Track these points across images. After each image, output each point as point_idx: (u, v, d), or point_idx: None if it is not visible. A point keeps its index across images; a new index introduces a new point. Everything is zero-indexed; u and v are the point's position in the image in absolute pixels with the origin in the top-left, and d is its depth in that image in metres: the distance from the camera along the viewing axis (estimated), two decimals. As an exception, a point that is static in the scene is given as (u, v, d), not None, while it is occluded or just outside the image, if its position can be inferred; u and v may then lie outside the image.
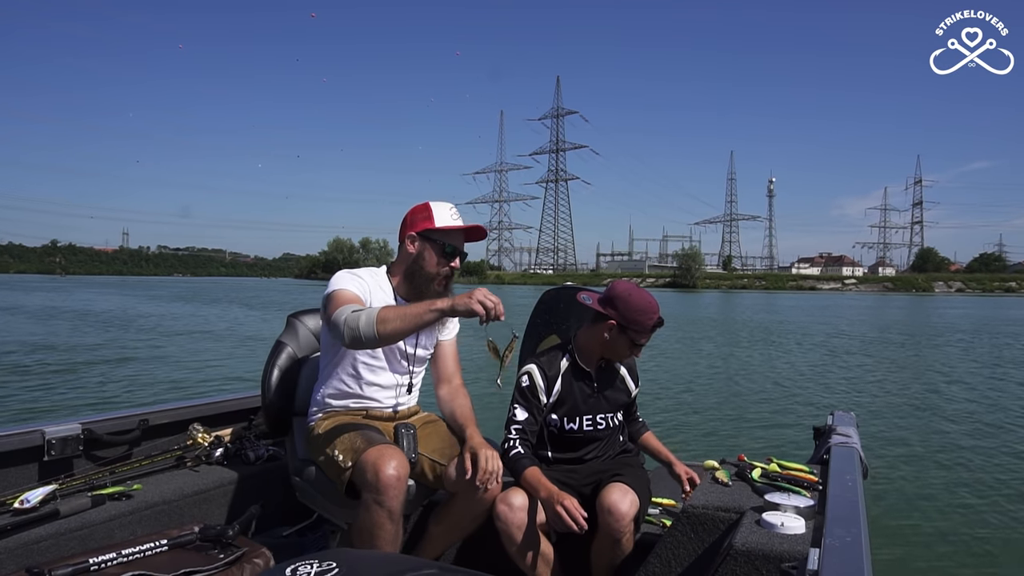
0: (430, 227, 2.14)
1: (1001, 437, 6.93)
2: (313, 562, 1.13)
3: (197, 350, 14.02)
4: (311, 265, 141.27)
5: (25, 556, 1.80)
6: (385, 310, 1.87)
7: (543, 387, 2.15)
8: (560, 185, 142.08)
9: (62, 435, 2.15)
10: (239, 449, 2.58)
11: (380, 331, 1.83)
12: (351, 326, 1.84)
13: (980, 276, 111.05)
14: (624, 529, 1.94)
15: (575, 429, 2.17)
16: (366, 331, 1.83)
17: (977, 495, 5.02)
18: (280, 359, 2.39)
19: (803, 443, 4.75)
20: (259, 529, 2.39)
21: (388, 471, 1.83)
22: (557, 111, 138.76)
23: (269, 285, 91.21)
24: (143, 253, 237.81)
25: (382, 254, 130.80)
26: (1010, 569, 3.87)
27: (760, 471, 2.00)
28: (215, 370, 11.05)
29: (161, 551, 1.79)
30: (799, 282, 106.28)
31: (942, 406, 8.65)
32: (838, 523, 1.37)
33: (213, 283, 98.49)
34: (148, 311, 27.39)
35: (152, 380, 9.83)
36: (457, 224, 2.17)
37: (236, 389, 3.51)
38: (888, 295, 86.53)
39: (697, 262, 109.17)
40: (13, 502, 1.90)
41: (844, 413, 2.51)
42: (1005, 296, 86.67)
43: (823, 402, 8.75)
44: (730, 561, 1.55)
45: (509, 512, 1.97)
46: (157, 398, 8.15)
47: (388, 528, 1.85)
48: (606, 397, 2.21)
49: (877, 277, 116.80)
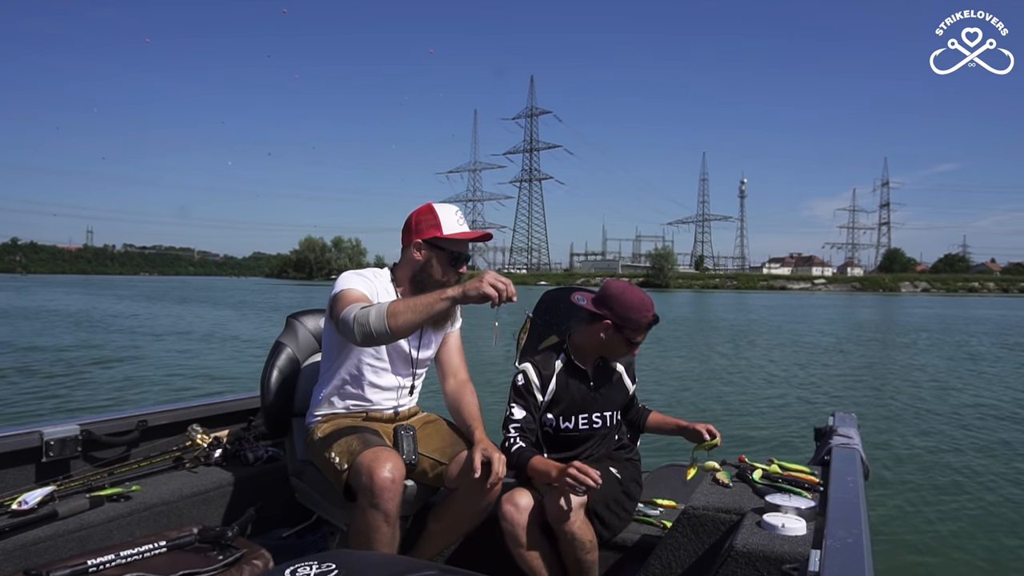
0: (437, 235, 2.11)
1: (1001, 436, 6.93)
2: (313, 563, 1.12)
3: (170, 351, 13.74)
4: (282, 264, 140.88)
5: (23, 558, 1.80)
6: (395, 303, 1.83)
7: (538, 385, 2.15)
8: (534, 185, 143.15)
9: (60, 436, 2.15)
10: (238, 450, 2.58)
11: (391, 325, 1.78)
12: (361, 322, 1.80)
13: (945, 276, 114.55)
14: (571, 520, 1.92)
15: (571, 428, 2.17)
16: (377, 326, 1.79)
17: (978, 495, 5.02)
18: (279, 360, 2.38)
19: (804, 444, 4.75)
20: (258, 530, 2.39)
21: (383, 474, 1.82)
22: (531, 111, 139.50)
23: (240, 284, 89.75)
24: (108, 252, 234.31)
25: (354, 253, 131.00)
26: (1012, 570, 3.86)
27: (761, 472, 1.99)
28: (194, 371, 10.92)
29: (160, 552, 1.79)
30: (770, 282, 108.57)
31: (941, 406, 8.65)
32: (839, 524, 1.37)
33: (182, 283, 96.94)
34: (117, 311, 26.92)
35: (110, 384, 9.43)
36: (464, 231, 2.14)
37: (214, 388, 3.50)
38: (856, 295, 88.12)
39: (670, 262, 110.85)
40: (11, 503, 1.89)
41: (845, 414, 2.50)
42: (968, 296, 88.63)
43: (823, 402, 8.75)
44: (731, 562, 1.54)
45: (515, 512, 1.96)
46: (154, 399, 8.13)
47: (384, 531, 1.85)
48: (603, 395, 2.20)
49: (846, 277, 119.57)
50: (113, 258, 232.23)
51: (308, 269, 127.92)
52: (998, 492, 5.10)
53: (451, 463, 2.06)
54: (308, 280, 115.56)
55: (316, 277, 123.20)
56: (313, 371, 2.33)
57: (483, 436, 2.07)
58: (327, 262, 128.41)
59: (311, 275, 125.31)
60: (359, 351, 2.11)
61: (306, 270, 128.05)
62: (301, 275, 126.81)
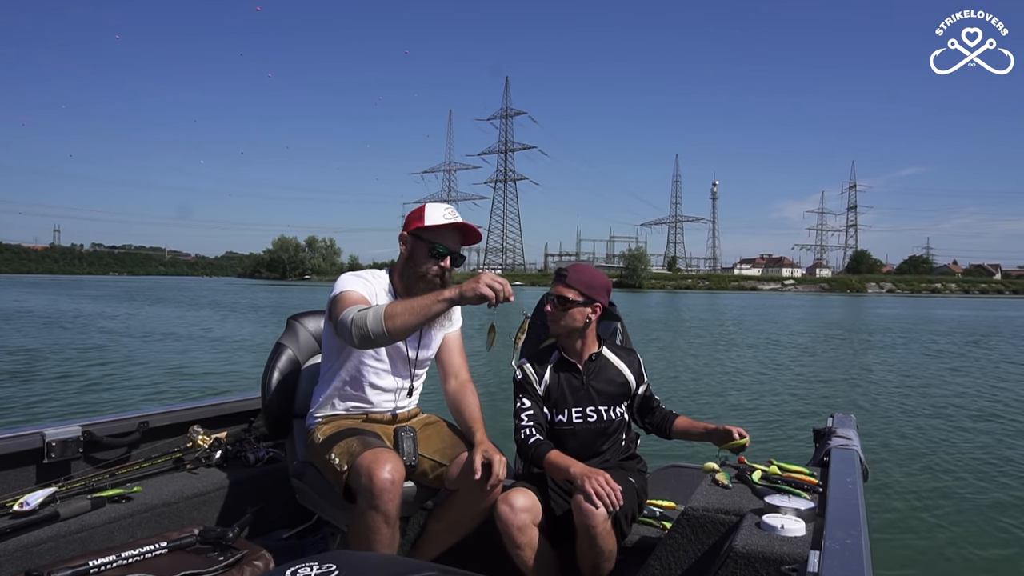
0: (420, 226, 2.12)
1: (1000, 434, 6.93)
2: (313, 564, 1.13)
3: (148, 352, 13.50)
4: (255, 264, 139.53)
5: (25, 559, 1.80)
6: (392, 305, 1.84)
7: (535, 378, 2.19)
8: (509, 185, 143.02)
9: (62, 437, 2.15)
10: (239, 451, 2.58)
11: (389, 327, 1.80)
12: (359, 325, 1.82)
13: (909, 278, 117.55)
14: (598, 527, 1.91)
15: (564, 421, 2.18)
16: (374, 328, 1.80)
17: (978, 496, 5.02)
18: (280, 361, 2.39)
19: (803, 445, 4.75)
20: (259, 531, 2.39)
21: (383, 475, 1.82)
22: (506, 111, 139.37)
23: (212, 284, 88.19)
24: (76, 251, 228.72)
25: (328, 253, 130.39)
26: (1012, 571, 3.86)
27: (760, 473, 2.00)
28: (175, 372, 10.78)
29: (161, 553, 1.80)
30: (741, 283, 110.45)
31: (941, 406, 8.65)
32: (838, 525, 1.37)
33: (153, 282, 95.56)
34: (93, 311, 26.33)
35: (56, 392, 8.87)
36: (445, 222, 2.13)
37: (209, 389, 3.50)
38: (824, 295, 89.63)
39: (643, 263, 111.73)
40: (13, 504, 1.90)
41: (844, 415, 2.51)
42: (932, 296, 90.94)
43: (822, 403, 8.75)
44: (730, 564, 1.55)
45: (511, 513, 1.96)
46: (155, 400, 8.13)
47: (384, 532, 1.85)
48: (595, 389, 2.20)
49: (814, 278, 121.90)
50: (81, 258, 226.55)
51: (282, 269, 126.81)
52: (997, 492, 5.11)
53: (451, 464, 2.06)
54: (282, 280, 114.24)
55: (290, 277, 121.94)
56: (313, 372, 2.33)
57: (484, 438, 2.07)
58: (301, 262, 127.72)
59: (284, 275, 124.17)
60: (359, 353, 2.12)
61: (280, 270, 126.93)
62: (275, 275, 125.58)
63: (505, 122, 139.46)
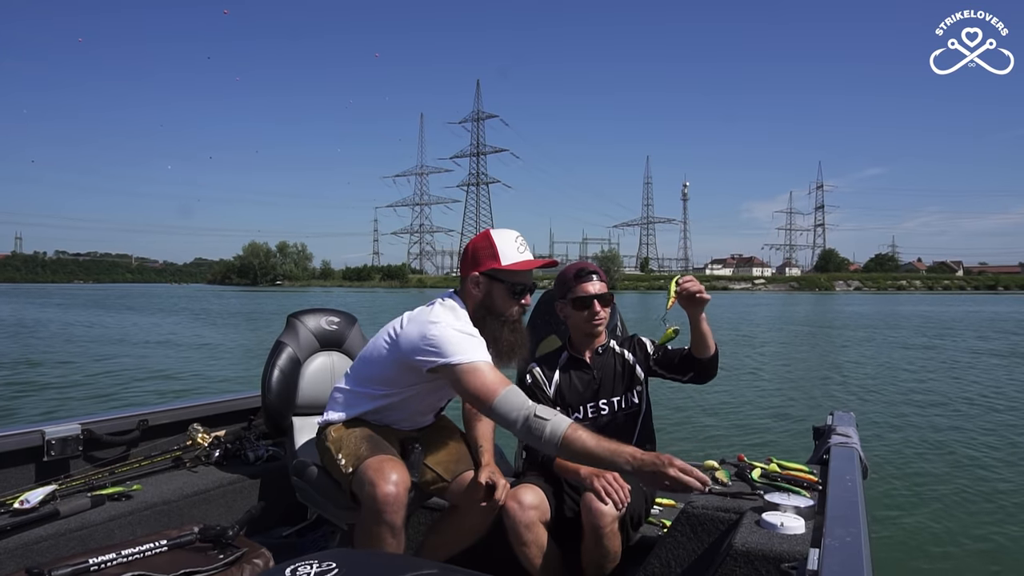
0: (496, 267, 1.96)
1: (999, 434, 6.93)
2: (313, 562, 1.13)
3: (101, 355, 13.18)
4: (225, 270, 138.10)
5: (25, 556, 1.80)
6: (577, 434, 1.69)
7: (544, 382, 2.20)
8: (481, 188, 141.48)
9: (62, 435, 2.15)
10: (239, 449, 2.58)
11: (561, 453, 1.72)
12: (534, 434, 1.72)
13: (875, 275, 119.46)
14: (605, 528, 1.90)
15: (580, 417, 2.18)
16: (547, 445, 1.72)
17: (978, 494, 5.02)
18: (280, 359, 2.39)
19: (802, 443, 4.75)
20: (259, 529, 2.39)
21: (387, 488, 1.79)
22: (477, 115, 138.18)
23: (182, 291, 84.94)
24: (39, 259, 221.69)
25: (300, 258, 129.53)
26: (1011, 569, 3.86)
27: (760, 471, 2.00)
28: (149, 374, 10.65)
29: (161, 551, 1.80)
30: (712, 282, 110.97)
31: (940, 406, 8.65)
32: (838, 523, 1.37)
33: (121, 290, 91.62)
34: (66, 319, 25.43)
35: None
36: (526, 260, 1.99)
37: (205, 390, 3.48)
38: (794, 294, 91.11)
39: (616, 264, 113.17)
40: (13, 502, 1.90)
41: (844, 413, 2.51)
42: (897, 293, 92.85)
43: (821, 402, 8.76)
44: (730, 561, 1.55)
45: (519, 510, 1.96)
46: (156, 399, 8.12)
47: (390, 541, 1.82)
48: (606, 381, 2.21)
49: (784, 277, 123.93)
50: (44, 265, 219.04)
51: (253, 275, 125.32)
52: (996, 490, 5.10)
53: (454, 482, 2.05)
54: (253, 286, 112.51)
55: (261, 283, 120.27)
56: (314, 371, 2.33)
57: (491, 460, 2.07)
58: (272, 267, 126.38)
59: (256, 281, 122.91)
60: (421, 389, 2.02)
61: (251, 276, 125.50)
62: (245, 281, 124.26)
63: (477, 125, 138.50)
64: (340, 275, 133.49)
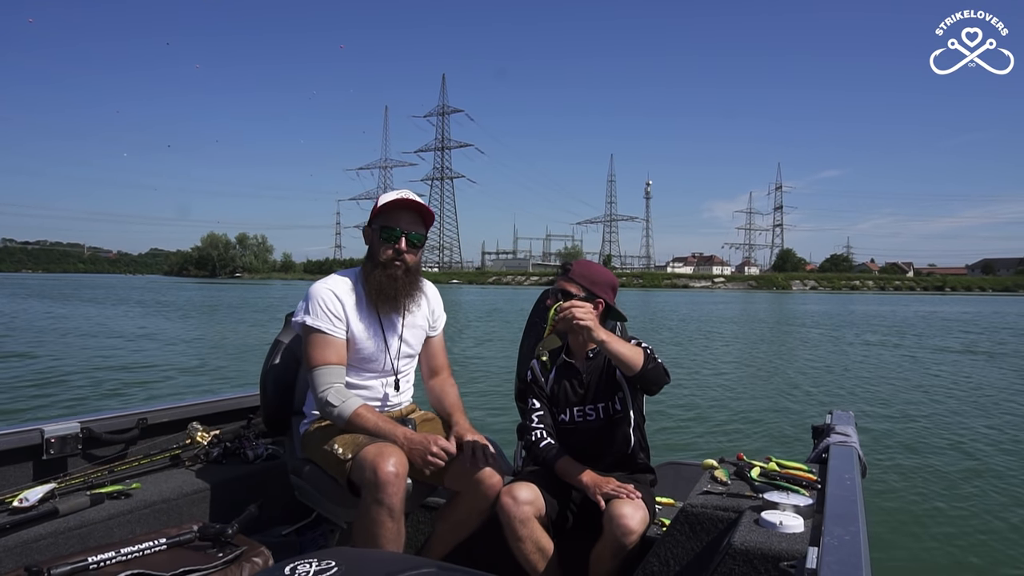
0: (374, 213, 2.13)
1: (1002, 430, 6.94)
2: (312, 561, 1.13)
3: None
4: (183, 261, 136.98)
5: (24, 555, 1.80)
6: (361, 414, 2.02)
7: (543, 380, 2.23)
8: (446, 183, 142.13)
9: (61, 434, 2.15)
10: (238, 448, 2.58)
11: (348, 428, 2.03)
12: (326, 409, 2.05)
13: (831, 275, 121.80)
14: (630, 543, 1.95)
15: (566, 420, 2.21)
16: (336, 420, 2.04)
17: (977, 493, 5.02)
18: (279, 358, 2.39)
19: (801, 442, 4.75)
20: (258, 528, 2.39)
21: (387, 468, 1.83)
22: (443, 109, 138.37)
23: (137, 283, 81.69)
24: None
25: (260, 250, 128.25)
26: (1010, 568, 3.87)
27: (759, 470, 2.00)
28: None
29: (160, 550, 1.79)
30: (673, 280, 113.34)
31: (940, 405, 8.66)
32: (837, 522, 1.37)
33: (72, 280, 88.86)
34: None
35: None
36: (391, 198, 2.08)
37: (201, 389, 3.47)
38: (752, 292, 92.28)
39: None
40: (12, 501, 1.90)
41: (843, 412, 2.51)
42: (851, 293, 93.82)
43: (820, 401, 8.76)
44: (729, 560, 1.55)
45: (514, 505, 1.97)
46: (155, 397, 8.11)
47: (389, 526, 1.85)
48: (593, 387, 2.21)
49: (743, 276, 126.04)
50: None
51: (211, 267, 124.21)
52: (996, 488, 5.11)
53: (449, 464, 2.07)
54: (211, 278, 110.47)
55: (220, 275, 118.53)
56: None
57: (466, 423, 2.15)
58: (231, 259, 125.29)
59: (214, 273, 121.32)
60: (357, 369, 2.17)
61: (209, 267, 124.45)
62: (203, 272, 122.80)
63: (442, 119, 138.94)
64: (301, 268, 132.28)
